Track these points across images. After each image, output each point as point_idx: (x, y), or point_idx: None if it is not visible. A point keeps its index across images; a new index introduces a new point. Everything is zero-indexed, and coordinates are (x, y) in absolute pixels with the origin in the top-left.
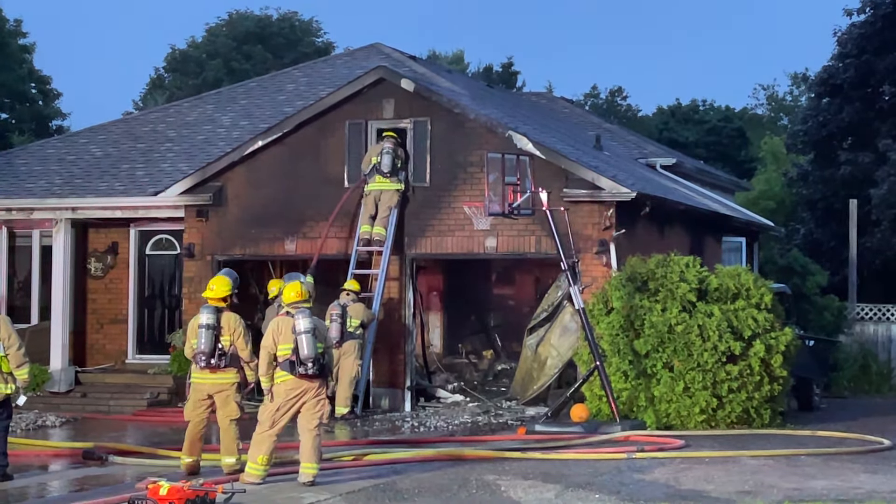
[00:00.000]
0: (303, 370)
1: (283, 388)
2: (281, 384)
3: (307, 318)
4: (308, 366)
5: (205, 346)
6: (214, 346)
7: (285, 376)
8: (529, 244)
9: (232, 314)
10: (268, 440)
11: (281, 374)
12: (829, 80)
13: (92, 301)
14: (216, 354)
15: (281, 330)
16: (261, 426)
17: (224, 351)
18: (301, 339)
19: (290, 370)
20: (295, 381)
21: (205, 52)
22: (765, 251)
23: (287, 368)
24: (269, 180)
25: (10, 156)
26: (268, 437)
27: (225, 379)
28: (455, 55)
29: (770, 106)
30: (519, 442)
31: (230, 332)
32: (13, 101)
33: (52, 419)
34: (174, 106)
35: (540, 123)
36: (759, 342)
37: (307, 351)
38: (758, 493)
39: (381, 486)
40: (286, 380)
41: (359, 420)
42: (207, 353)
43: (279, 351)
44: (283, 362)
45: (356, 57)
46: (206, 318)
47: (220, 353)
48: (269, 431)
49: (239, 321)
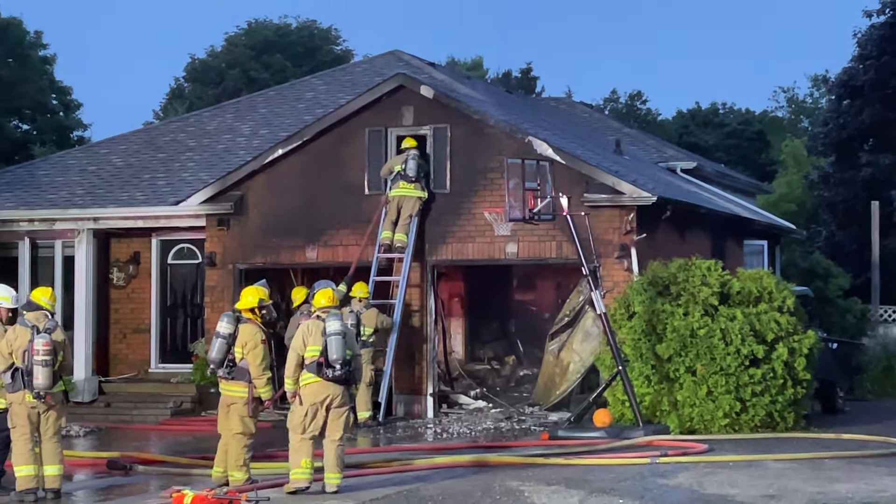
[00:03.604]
0: (330, 373)
1: (309, 391)
2: (307, 387)
3: (338, 320)
4: (336, 368)
5: (214, 355)
6: (225, 356)
7: (312, 379)
8: (550, 249)
9: (251, 326)
10: (305, 445)
11: (307, 376)
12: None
13: (114, 311)
14: (225, 364)
15: (311, 331)
16: (294, 434)
17: (234, 362)
18: (331, 341)
19: (316, 372)
20: (322, 384)
21: (224, 62)
22: (786, 254)
23: (314, 370)
24: (289, 189)
25: (31, 167)
26: (305, 443)
27: (234, 391)
28: (474, 61)
29: (790, 108)
30: (542, 448)
31: (243, 345)
32: (34, 112)
33: (77, 429)
34: (194, 115)
35: (559, 129)
36: (782, 345)
37: (336, 353)
38: (782, 498)
39: (405, 493)
40: (312, 382)
41: (381, 427)
42: (216, 361)
43: (307, 353)
44: (311, 364)
45: (375, 64)
46: (224, 327)
47: (229, 364)
48: (303, 436)
49: (255, 335)
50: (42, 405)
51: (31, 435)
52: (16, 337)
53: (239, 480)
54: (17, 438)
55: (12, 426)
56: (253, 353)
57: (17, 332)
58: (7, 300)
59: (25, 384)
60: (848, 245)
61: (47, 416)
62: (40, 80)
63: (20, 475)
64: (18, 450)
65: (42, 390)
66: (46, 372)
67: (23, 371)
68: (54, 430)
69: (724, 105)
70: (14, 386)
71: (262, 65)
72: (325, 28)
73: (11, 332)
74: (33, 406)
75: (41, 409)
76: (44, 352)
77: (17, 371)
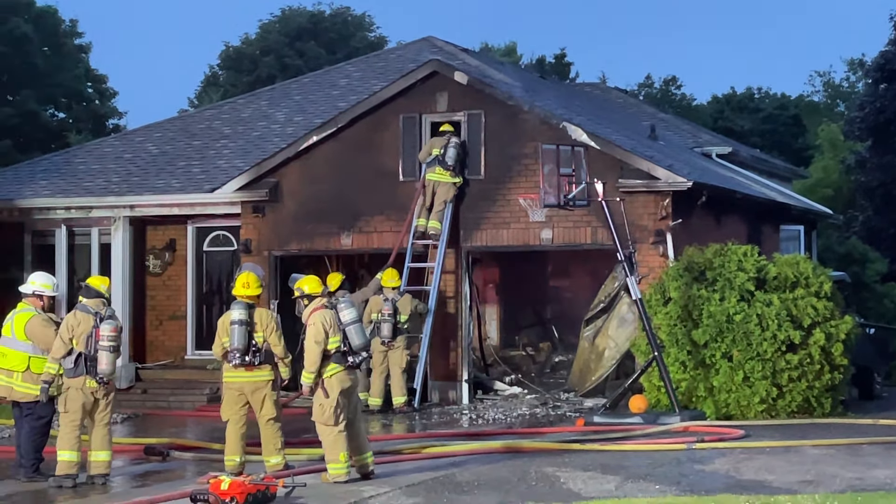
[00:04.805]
0: (355, 360)
1: (336, 380)
2: (334, 377)
3: (352, 307)
4: (362, 355)
5: (238, 343)
6: (248, 343)
7: (338, 368)
8: (585, 235)
9: (264, 310)
10: (341, 438)
11: (333, 366)
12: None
13: (151, 298)
14: (250, 351)
15: (330, 322)
16: (327, 427)
17: (258, 347)
18: (352, 329)
19: (341, 361)
20: (346, 372)
21: (258, 49)
22: (823, 239)
23: (339, 360)
24: (324, 175)
25: (68, 155)
26: (340, 436)
27: (260, 377)
28: (508, 47)
29: (826, 93)
30: (578, 434)
31: (263, 329)
32: (70, 100)
33: (115, 416)
34: (229, 103)
35: (594, 114)
36: (819, 331)
37: (359, 340)
38: (819, 483)
39: (441, 478)
40: (339, 372)
41: (417, 413)
42: (241, 349)
43: (331, 344)
44: (335, 355)
45: (409, 51)
46: (239, 314)
47: (254, 350)
48: (337, 428)
49: (272, 317)
50: (102, 390)
51: (80, 422)
52: (78, 322)
53: (277, 465)
54: (65, 423)
55: (64, 411)
56: (275, 335)
57: (80, 318)
58: (48, 287)
59: (88, 370)
60: (885, 230)
61: (105, 403)
62: (76, 68)
63: (62, 460)
64: (65, 435)
65: (106, 376)
66: (112, 357)
67: (86, 356)
68: (109, 417)
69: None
70: (76, 371)
71: (296, 52)
72: (358, 15)
73: (73, 318)
74: (94, 391)
75: (100, 394)
76: (111, 337)
77: (80, 356)
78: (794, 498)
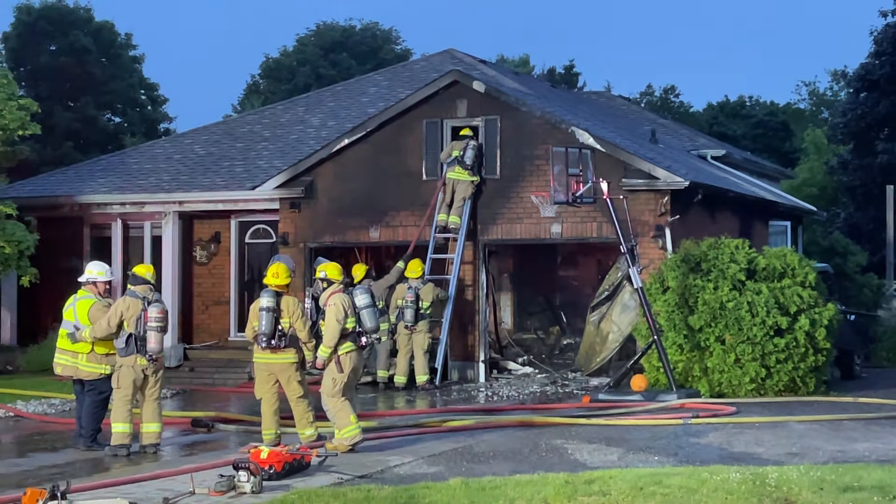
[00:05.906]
0: (366, 340)
1: (348, 358)
2: (348, 355)
3: (366, 293)
4: (373, 336)
5: (266, 328)
6: (275, 328)
7: (352, 347)
8: (591, 230)
9: (291, 298)
10: (347, 405)
11: (348, 345)
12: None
13: (197, 285)
14: (276, 335)
15: (348, 304)
16: (334, 398)
17: (284, 332)
18: (365, 313)
19: (355, 341)
20: (359, 351)
21: (295, 60)
22: (808, 234)
23: (354, 340)
24: (354, 175)
25: (123, 156)
26: (346, 403)
27: (285, 359)
28: (521, 59)
29: (812, 101)
30: (584, 409)
31: (289, 315)
32: (125, 106)
33: (164, 391)
34: (269, 109)
35: (600, 119)
36: (804, 317)
37: (372, 323)
38: (804, 455)
39: (460, 449)
40: (353, 350)
41: (438, 390)
42: (268, 334)
43: (349, 324)
44: (351, 334)
45: (432, 62)
46: (267, 301)
47: (280, 335)
48: (342, 399)
49: (298, 304)
50: (151, 367)
51: (132, 396)
52: (127, 307)
53: (311, 437)
54: (119, 398)
55: (117, 387)
56: (301, 321)
57: (129, 303)
58: (102, 274)
59: (138, 349)
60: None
61: (155, 379)
62: (130, 77)
63: (116, 431)
64: (118, 408)
65: (154, 353)
66: (159, 337)
67: (136, 337)
68: (158, 392)
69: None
70: (127, 350)
71: (330, 63)
72: (386, 29)
73: (122, 303)
74: (144, 368)
75: (150, 371)
76: (158, 318)
77: (131, 337)
78: (781, 469)
